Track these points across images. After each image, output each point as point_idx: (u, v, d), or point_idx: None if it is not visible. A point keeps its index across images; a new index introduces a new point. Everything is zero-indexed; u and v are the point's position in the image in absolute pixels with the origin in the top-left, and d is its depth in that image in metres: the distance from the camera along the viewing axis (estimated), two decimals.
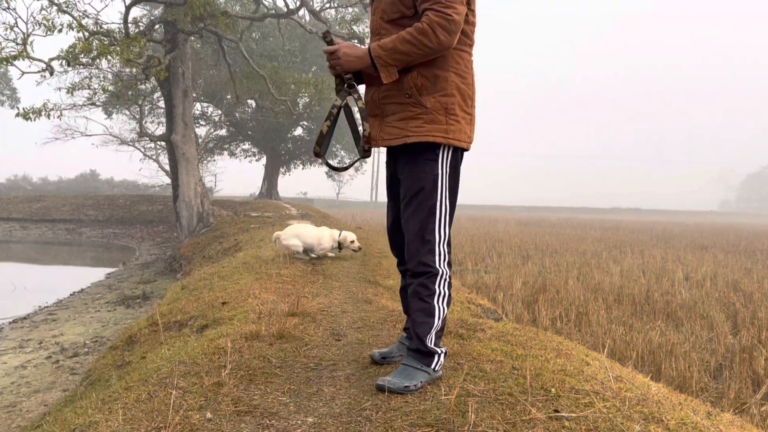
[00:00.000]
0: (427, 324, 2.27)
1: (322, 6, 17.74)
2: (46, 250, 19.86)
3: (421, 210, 2.27)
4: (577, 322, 6.36)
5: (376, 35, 2.35)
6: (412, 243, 2.29)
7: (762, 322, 6.34)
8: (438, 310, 2.28)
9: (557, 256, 13.10)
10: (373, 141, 2.36)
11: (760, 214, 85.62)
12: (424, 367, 2.27)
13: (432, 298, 2.27)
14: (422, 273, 2.27)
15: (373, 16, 2.38)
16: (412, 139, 2.23)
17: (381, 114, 2.36)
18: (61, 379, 5.24)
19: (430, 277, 2.27)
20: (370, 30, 2.43)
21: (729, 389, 4.25)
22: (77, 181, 48.17)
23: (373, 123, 2.38)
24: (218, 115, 28.51)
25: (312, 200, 52.20)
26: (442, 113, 2.24)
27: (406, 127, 2.25)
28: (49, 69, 12.18)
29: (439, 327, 2.30)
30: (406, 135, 2.25)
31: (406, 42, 2.12)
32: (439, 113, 2.24)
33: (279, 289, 4.84)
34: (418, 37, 2.11)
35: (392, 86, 2.27)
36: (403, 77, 2.24)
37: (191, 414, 2.04)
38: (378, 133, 2.34)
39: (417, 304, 2.29)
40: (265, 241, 9.36)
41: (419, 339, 2.28)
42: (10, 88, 32.20)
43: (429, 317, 2.27)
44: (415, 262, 2.28)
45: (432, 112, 2.23)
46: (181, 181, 14.47)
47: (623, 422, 1.92)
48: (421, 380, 2.23)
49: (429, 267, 2.27)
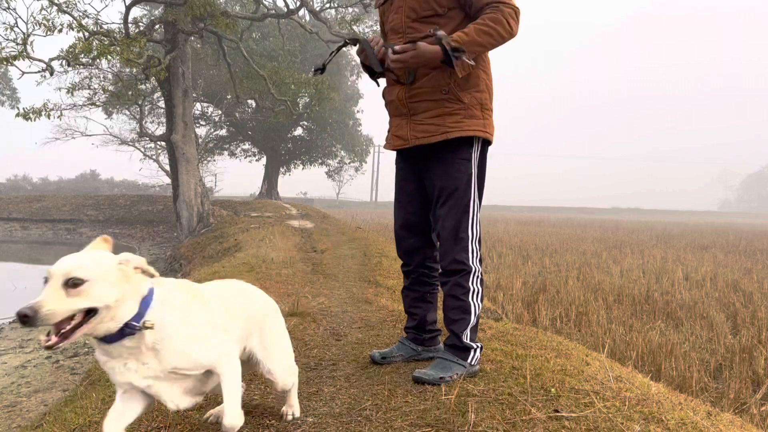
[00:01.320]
0: (464, 321, 2.31)
1: (322, 6, 17.75)
2: (46, 250, 19.86)
3: (456, 209, 2.30)
4: (577, 322, 6.36)
5: (398, 34, 2.35)
6: (446, 242, 2.32)
7: (762, 322, 6.34)
8: (473, 307, 2.32)
9: (557, 256, 13.10)
10: (404, 140, 2.35)
11: (760, 214, 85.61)
12: (459, 360, 2.31)
13: (467, 296, 2.31)
14: (456, 271, 2.31)
15: (394, 15, 2.37)
16: (454, 134, 2.25)
17: (408, 113, 2.35)
18: (61, 379, 5.23)
19: (464, 275, 2.31)
20: (390, 29, 2.41)
21: (729, 389, 4.25)
22: (77, 181, 48.20)
23: (400, 122, 2.38)
24: (218, 115, 28.49)
25: (312, 200, 52.18)
26: (478, 108, 2.29)
27: (444, 123, 2.25)
28: (49, 69, 12.17)
29: (474, 323, 2.34)
30: (445, 131, 2.25)
31: (483, 33, 2.13)
32: (476, 108, 2.28)
33: (279, 289, 4.84)
34: (495, 27, 2.13)
35: (424, 84, 2.28)
36: (437, 74, 2.24)
37: (191, 414, 2.04)
38: (409, 132, 2.33)
39: (452, 302, 2.33)
40: (266, 241, 9.37)
41: (455, 335, 2.32)
42: (10, 88, 32.18)
43: (465, 314, 2.31)
44: (448, 260, 2.32)
45: (470, 107, 2.27)
46: (181, 181, 14.47)
47: (623, 422, 1.92)
48: (457, 372, 2.27)
49: (463, 265, 2.30)
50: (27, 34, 11.63)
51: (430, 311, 2.59)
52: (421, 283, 2.56)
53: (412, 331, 2.62)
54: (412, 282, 2.58)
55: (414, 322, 2.60)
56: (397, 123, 2.38)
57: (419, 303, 2.58)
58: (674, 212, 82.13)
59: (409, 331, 2.62)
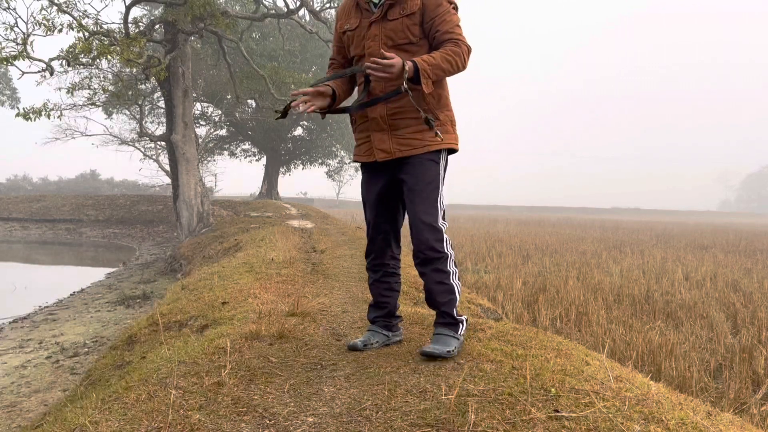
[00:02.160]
0: (452, 300, 2.71)
1: (322, 6, 17.75)
2: (46, 250, 19.86)
3: (428, 205, 2.65)
4: (577, 322, 6.37)
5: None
6: (422, 233, 2.65)
7: (762, 322, 6.34)
8: (456, 287, 2.73)
9: (557, 256, 13.10)
10: (388, 153, 2.68)
11: (760, 214, 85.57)
12: (454, 334, 2.70)
13: (449, 278, 2.69)
14: (435, 258, 2.66)
15: (371, 42, 2.67)
16: (434, 147, 2.64)
17: (389, 129, 2.68)
18: (61, 379, 5.23)
19: (443, 260, 2.67)
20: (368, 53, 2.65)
21: (729, 389, 4.25)
22: (77, 181, 48.21)
23: (382, 137, 2.69)
24: (218, 115, 28.50)
25: (312, 200, 52.21)
26: (450, 124, 2.72)
27: (425, 138, 2.63)
28: (49, 69, 12.17)
29: (458, 299, 2.76)
30: (426, 145, 2.64)
31: (446, 60, 2.53)
32: (449, 125, 2.71)
33: (279, 289, 4.84)
34: (455, 58, 2.55)
35: (404, 104, 2.61)
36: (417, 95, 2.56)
37: (191, 414, 2.04)
38: (392, 146, 2.66)
39: (439, 287, 2.70)
40: (266, 241, 9.37)
41: (448, 314, 2.71)
42: (10, 88, 32.20)
43: (451, 295, 2.71)
44: (426, 249, 2.66)
45: (444, 124, 2.68)
46: (181, 181, 14.46)
47: (623, 422, 1.92)
48: (455, 346, 2.65)
49: (440, 252, 2.66)
50: (27, 34, 11.62)
51: (396, 299, 2.96)
52: (389, 274, 2.92)
53: (382, 319, 2.92)
54: (384, 275, 2.91)
55: (385, 310, 2.91)
56: (379, 137, 2.69)
57: (389, 293, 2.91)
58: (674, 212, 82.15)
59: (379, 319, 2.92)
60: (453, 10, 2.64)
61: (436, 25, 2.60)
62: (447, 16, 2.60)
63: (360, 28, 2.72)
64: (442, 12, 2.60)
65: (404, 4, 2.61)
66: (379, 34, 2.65)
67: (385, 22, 2.64)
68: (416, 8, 2.60)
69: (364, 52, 2.70)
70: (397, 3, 2.62)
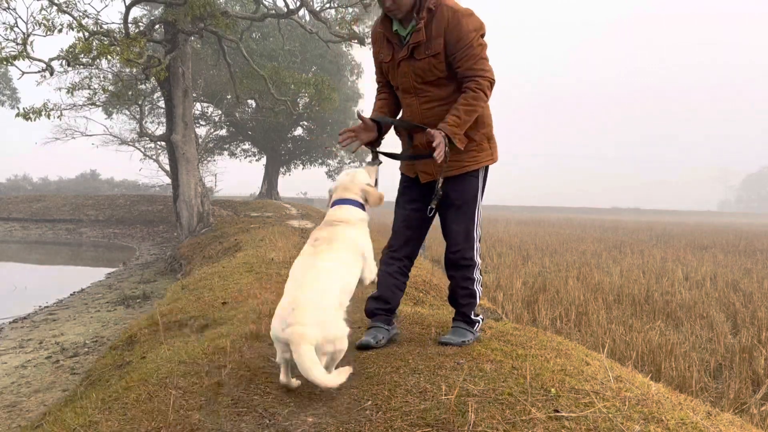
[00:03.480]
0: (472, 303, 2.99)
1: (322, 6, 17.72)
2: (46, 250, 19.86)
3: (465, 216, 2.90)
4: (577, 322, 6.37)
5: (410, 94, 2.85)
6: (458, 242, 2.91)
7: (762, 322, 6.34)
8: (477, 292, 3.01)
9: (557, 256, 13.10)
10: (430, 174, 2.87)
11: (760, 214, 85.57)
12: (470, 329, 2.98)
13: (473, 284, 2.97)
14: (465, 265, 2.93)
15: (402, 78, 2.83)
16: (471, 167, 2.85)
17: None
18: (61, 379, 5.23)
19: (471, 268, 2.94)
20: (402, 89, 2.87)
21: (729, 389, 4.25)
22: (77, 181, 48.17)
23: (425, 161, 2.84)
24: (218, 115, 28.46)
25: (312, 200, 52.10)
26: (486, 141, 2.90)
27: (462, 159, 2.82)
28: (49, 69, 12.16)
29: (477, 303, 3.04)
30: (463, 166, 2.84)
31: (469, 112, 2.70)
32: (484, 143, 2.89)
33: (279, 289, 4.83)
34: (476, 103, 2.70)
35: None
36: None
37: (191, 414, 2.04)
38: (434, 168, 2.81)
39: (463, 291, 2.97)
40: (266, 241, 9.37)
41: (466, 314, 2.98)
42: (10, 88, 32.13)
43: (472, 299, 2.99)
44: (459, 257, 2.92)
45: (479, 143, 2.86)
46: (181, 181, 14.45)
47: (623, 422, 1.92)
48: (470, 338, 2.93)
49: (471, 260, 2.93)
50: (27, 34, 11.61)
51: (399, 299, 3.09)
52: (402, 273, 3.04)
53: (384, 314, 3.00)
54: (396, 270, 3.01)
55: (388, 305, 3.00)
56: (424, 162, 2.86)
57: (396, 291, 3.02)
58: (674, 212, 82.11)
59: (381, 312, 3.00)
60: (476, 41, 2.67)
61: (457, 61, 2.69)
62: (469, 51, 2.66)
63: (393, 62, 2.85)
64: (464, 47, 2.66)
65: (429, 44, 2.69)
66: (408, 72, 2.79)
67: (413, 61, 2.75)
68: (440, 48, 2.68)
69: (399, 85, 2.89)
70: (422, 43, 2.70)
